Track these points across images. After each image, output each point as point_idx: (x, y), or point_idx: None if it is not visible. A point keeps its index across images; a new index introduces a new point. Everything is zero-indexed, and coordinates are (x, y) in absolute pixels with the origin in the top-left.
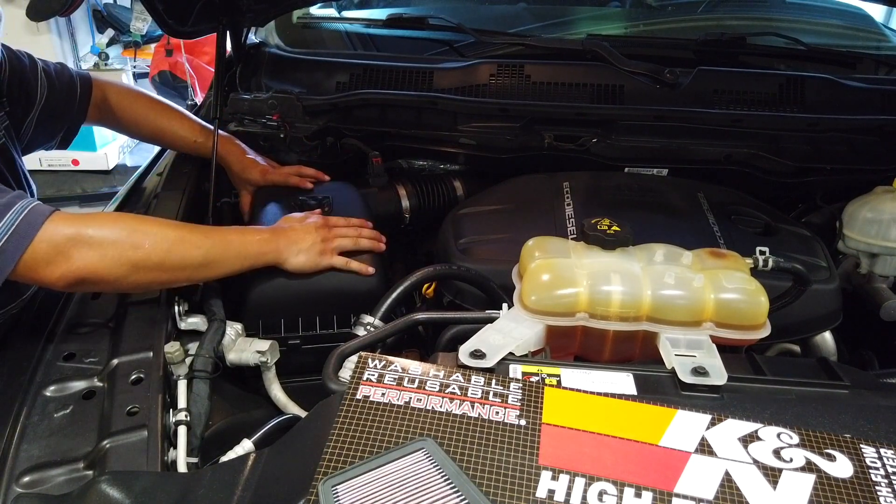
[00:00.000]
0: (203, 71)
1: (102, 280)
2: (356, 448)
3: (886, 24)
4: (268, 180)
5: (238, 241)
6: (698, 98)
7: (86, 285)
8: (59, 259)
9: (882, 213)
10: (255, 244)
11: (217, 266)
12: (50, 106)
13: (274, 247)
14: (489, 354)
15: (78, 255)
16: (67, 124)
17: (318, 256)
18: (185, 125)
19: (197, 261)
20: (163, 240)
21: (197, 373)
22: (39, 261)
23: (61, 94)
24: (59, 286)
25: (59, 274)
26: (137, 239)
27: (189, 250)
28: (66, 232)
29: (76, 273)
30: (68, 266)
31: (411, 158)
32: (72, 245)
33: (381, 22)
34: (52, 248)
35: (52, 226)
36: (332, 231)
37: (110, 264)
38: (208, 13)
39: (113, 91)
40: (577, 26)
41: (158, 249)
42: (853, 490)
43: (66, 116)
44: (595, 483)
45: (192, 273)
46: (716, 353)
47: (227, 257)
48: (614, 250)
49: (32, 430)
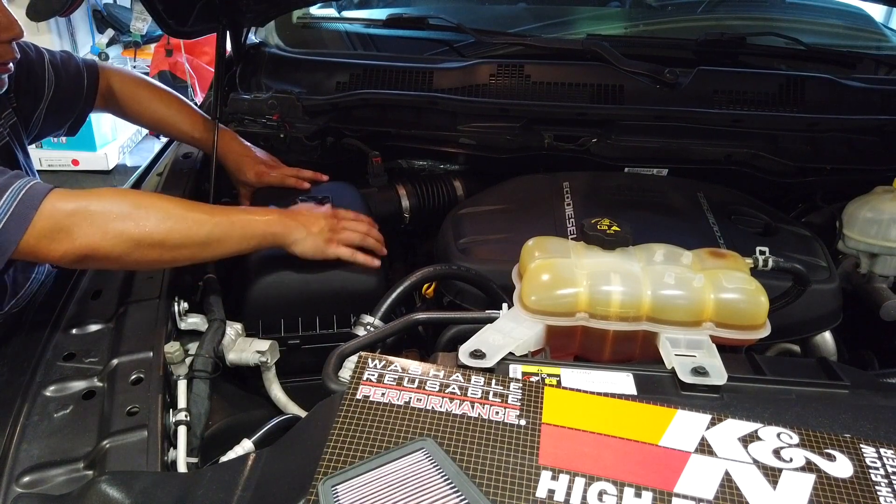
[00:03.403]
0: (203, 71)
1: (105, 257)
2: (356, 448)
3: (886, 24)
4: (263, 182)
5: (243, 220)
6: (698, 98)
7: (89, 262)
8: (61, 236)
9: (882, 213)
10: (260, 224)
11: (220, 245)
12: (58, 98)
13: (280, 228)
14: (489, 354)
15: (80, 231)
16: (76, 113)
17: (325, 244)
18: (187, 117)
19: (200, 238)
20: (165, 216)
21: (197, 373)
22: (42, 238)
23: (69, 85)
24: (64, 263)
25: (63, 251)
26: (140, 214)
27: (192, 227)
28: (67, 207)
29: (79, 249)
30: (71, 242)
31: (411, 158)
32: (73, 221)
33: (381, 22)
34: (53, 225)
35: (52, 202)
36: (340, 222)
37: (113, 241)
38: (208, 13)
39: (117, 78)
40: (576, 26)
41: (161, 226)
42: (853, 490)
43: (75, 106)
44: (595, 483)
45: (196, 251)
46: (716, 353)
47: (231, 236)
48: (614, 250)
49: (32, 430)
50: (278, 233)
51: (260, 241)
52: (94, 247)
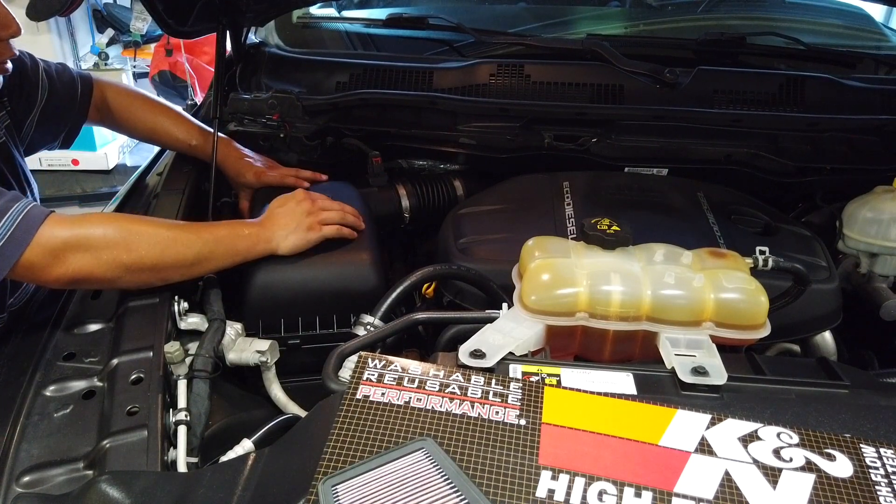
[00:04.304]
0: (203, 71)
1: (98, 281)
2: (356, 448)
3: (886, 24)
4: (263, 182)
5: (228, 237)
6: (698, 98)
7: (82, 284)
8: (54, 263)
9: (882, 213)
10: (244, 239)
11: (208, 263)
12: (51, 106)
13: (263, 238)
14: (489, 354)
15: (73, 259)
16: (69, 125)
17: (306, 233)
18: (182, 126)
19: (189, 260)
20: (156, 242)
21: (197, 372)
22: (35, 264)
23: (62, 95)
24: (57, 286)
25: (57, 275)
26: (132, 241)
27: (181, 251)
28: (62, 235)
29: (73, 275)
30: (64, 269)
31: (411, 158)
32: (67, 249)
33: (381, 22)
34: (47, 253)
35: (48, 230)
36: (315, 204)
37: (105, 268)
38: (208, 13)
39: (112, 91)
40: (576, 26)
41: (152, 252)
42: (853, 490)
43: (68, 117)
44: (595, 483)
45: (186, 271)
46: (716, 353)
47: (218, 254)
48: (614, 250)
49: (32, 430)
50: (261, 243)
51: (245, 256)
52: (87, 273)
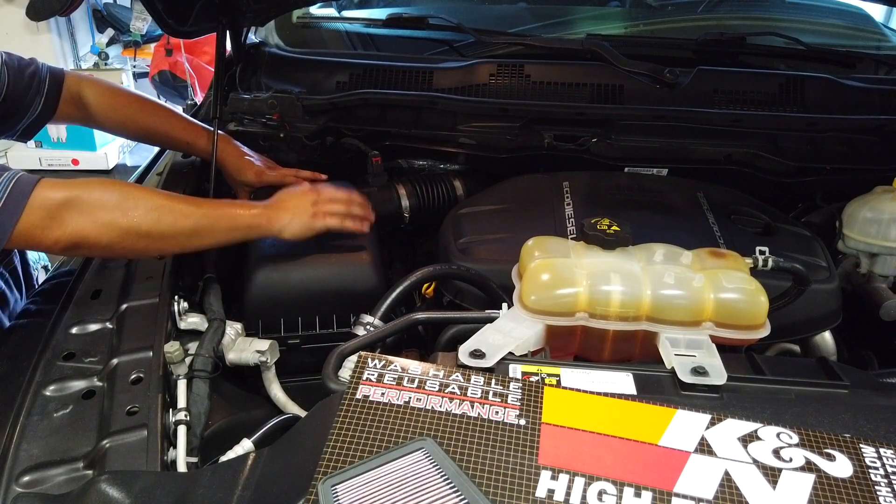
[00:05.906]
0: (203, 71)
1: (95, 245)
2: (356, 448)
3: (886, 24)
4: (263, 181)
5: (229, 213)
6: (698, 98)
7: (80, 250)
8: (52, 224)
9: (882, 213)
10: (245, 217)
11: (207, 236)
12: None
13: (265, 220)
14: (489, 354)
15: (70, 220)
16: (29, 119)
17: (310, 220)
18: (176, 125)
19: (187, 229)
20: (154, 207)
21: (197, 372)
22: (34, 227)
23: (22, 89)
24: (55, 251)
25: (54, 238)
26: (129, 205)
27: (178, 219)
28: (57, 197)
29: (69, 237)
30: (62, 231)
31: (411, 158)
32: (64, 209)
33: (381, 22)
34: (45, 214)
35: (41, 192)
36: (321, 195)
37: (102, 229)
38: (208, 13)
39: (93, 89)
40: (576, 26)
41: (149, 217)
42: (853, 490)
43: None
44: (595, 483)
45: (183, 241)
46: (715, 353)
47: (217, 228)
48: (614, 250)
49: (32, 430)
50: (264, 224)
51: (246, 233)
52: (83, 235)
